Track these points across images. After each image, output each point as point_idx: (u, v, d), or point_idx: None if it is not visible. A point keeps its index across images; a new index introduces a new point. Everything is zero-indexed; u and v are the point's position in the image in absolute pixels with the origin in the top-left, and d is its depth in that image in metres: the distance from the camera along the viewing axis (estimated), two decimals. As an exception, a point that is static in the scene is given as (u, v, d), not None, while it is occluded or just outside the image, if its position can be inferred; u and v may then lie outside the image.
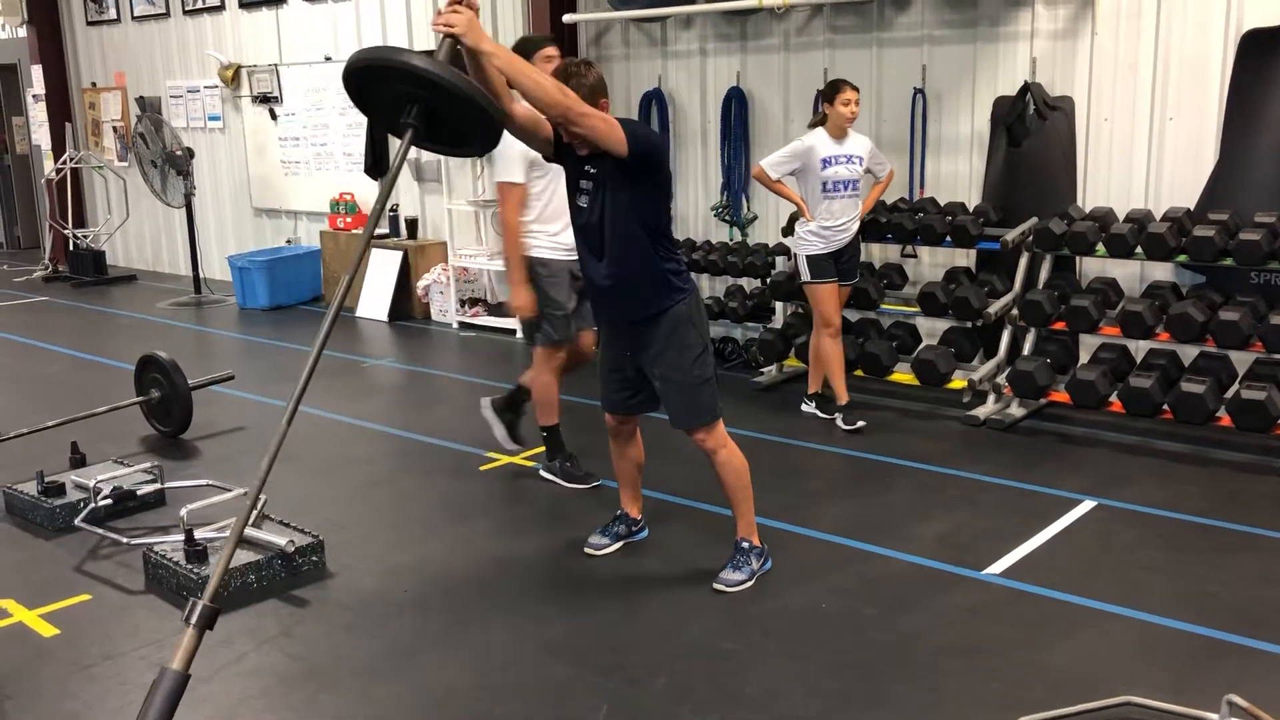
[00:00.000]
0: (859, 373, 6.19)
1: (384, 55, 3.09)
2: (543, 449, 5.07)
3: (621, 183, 3.66)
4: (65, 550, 4.46)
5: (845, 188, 5.59)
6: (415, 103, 3.08)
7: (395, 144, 3.23)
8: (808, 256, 5.67)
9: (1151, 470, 5.03)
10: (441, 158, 8.62)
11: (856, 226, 5.72)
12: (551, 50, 4.80)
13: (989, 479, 4.97)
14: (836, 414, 5.75)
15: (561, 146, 3.73)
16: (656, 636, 3.63)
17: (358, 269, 3.36)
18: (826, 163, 5.53)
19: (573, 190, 3.82)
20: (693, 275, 4.63)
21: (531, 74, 3.40)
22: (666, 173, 3.84)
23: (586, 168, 3.72)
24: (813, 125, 5.67)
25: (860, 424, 5.64)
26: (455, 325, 8.62)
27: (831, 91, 5.53)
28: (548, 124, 3.64)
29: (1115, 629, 3.59)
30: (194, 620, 2.65)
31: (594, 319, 4.29)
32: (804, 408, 5.98)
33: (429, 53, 3.15)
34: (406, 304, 8.95)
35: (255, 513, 3.08)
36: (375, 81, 3.12)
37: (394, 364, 7.64)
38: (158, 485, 4.85)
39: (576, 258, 4.09)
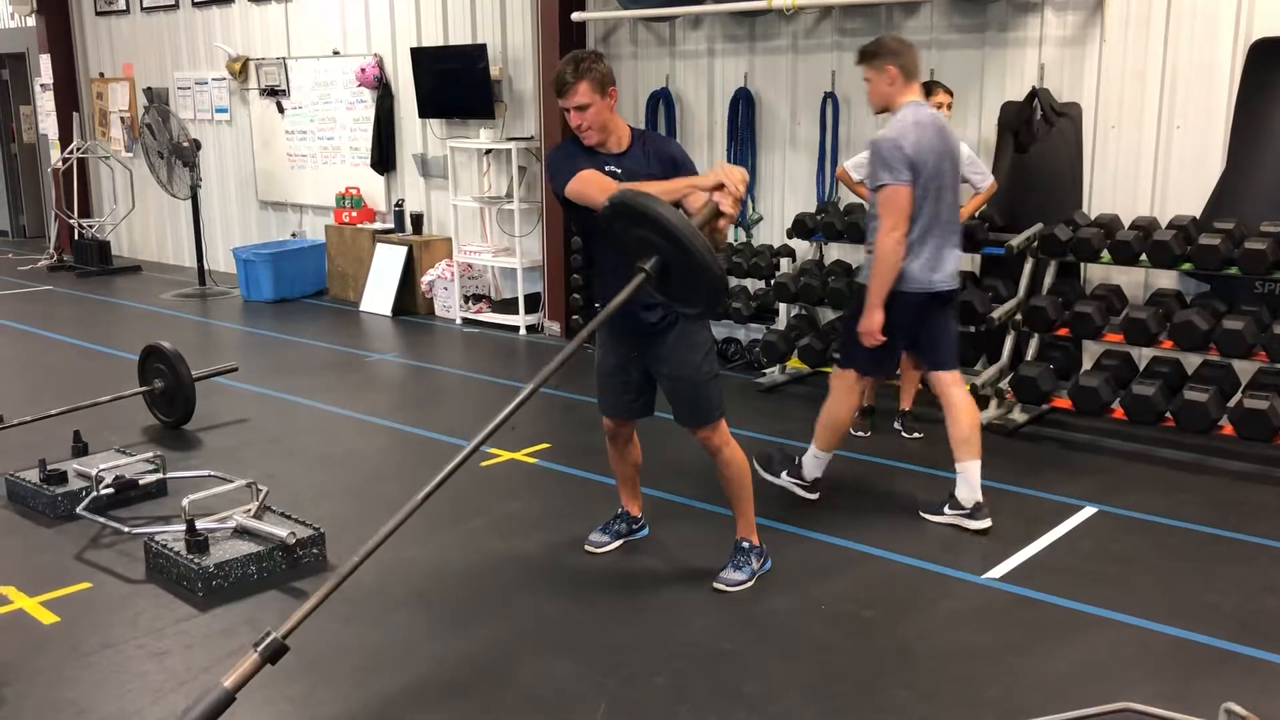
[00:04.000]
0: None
1: (653, 207, 3.15)
2: (544, 445, 5.07)
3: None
4: (66, 538, 4.46)
5: None
6: (657, 253, 3.19)
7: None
8: None
9: (1153, 478, 5.03)
10: (446, 155, 8.62)
11: None
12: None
13: (990, 484, 4.96)
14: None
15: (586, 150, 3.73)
16: (656, 635, 3.63)
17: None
18: None
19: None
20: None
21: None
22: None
23: (609, 168, 3.69)
24: None
25: (864, 434, 5.68)
26: (459, 321, 8.63)
27: (923, 93, 5.28)
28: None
29: (1115, 636, 3.59)
30: (261, 649, 2.71)
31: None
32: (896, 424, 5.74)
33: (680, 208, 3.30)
34: (410, 299, 8.95)
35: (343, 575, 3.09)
36: (631, 220, 3.22)
37: (397, 359, 7.64)
38: (160, 475, 4.85)
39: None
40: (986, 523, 4.41)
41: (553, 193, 3.76)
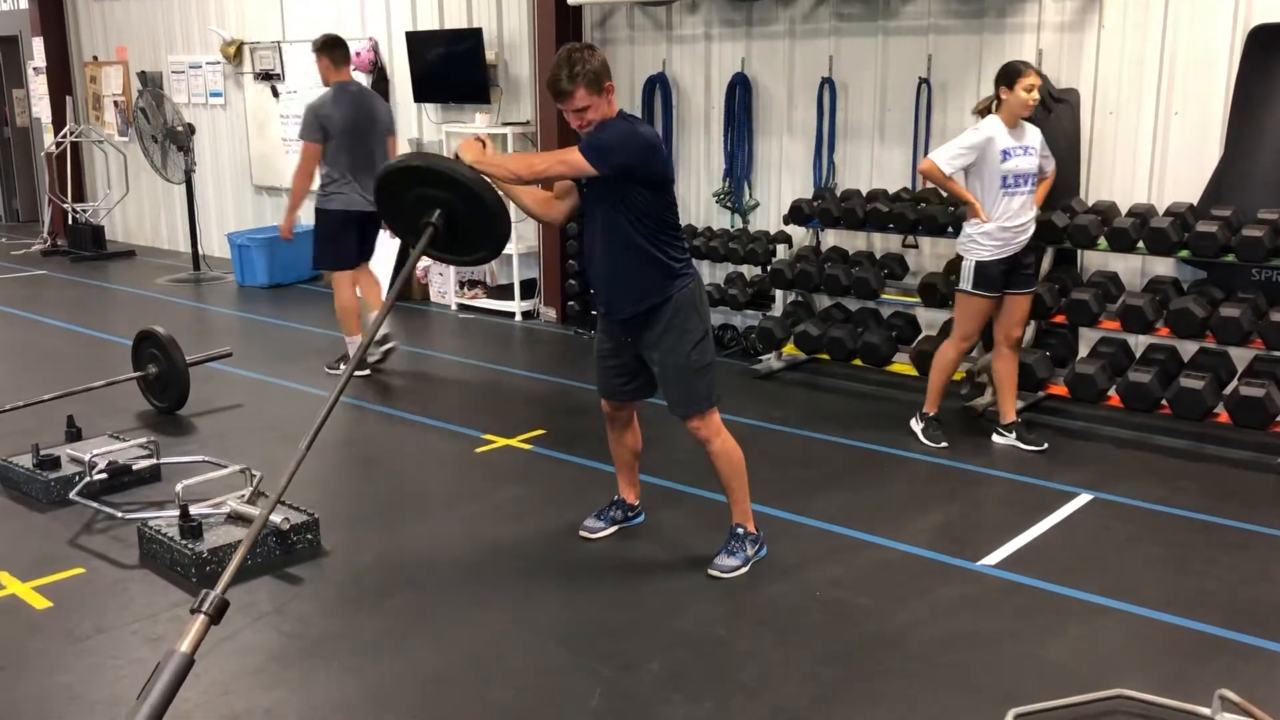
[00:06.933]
0: (857, 362, 6.19)
1: (423, 158, 3.50)
2: (540, 431, 5.06)
3: (610, 184, 3.69)
4: (60, 523, 4.45)
5: (1025, 182, 5.01)
6: (439, 206, 3.49)
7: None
8: (978, 262, 5.07)
9: (1149, 465, 5.03)
10: (441, 139, 8.59)
11: (1034, 227, 5.17)
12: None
13: (986, 471, 4.98)
14: (1005, 433, 5.31)
15: None
16: (651, 621, 3.63)
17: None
18: (1006, 154, 4.96)
19: (577, 182, 3.85)
20: (694, 262, 4.59)
21: (502, 164, 3.69)
22: (658, 167, 3.75)
23: None
24: (982, 112, 5.10)
25: (1041, 444, 5.22)
26: (454, 307, 8.61)
27: (1012, 75, 4.93)
28: (557, 201, 3.96)
29: (1109, 622, 3.59)
30: (205, 609, 2.69)
31: (596, 305, 4.28)
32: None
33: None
34: (406, 285, 8.91)
35: (273, 503, 3.15)
36: (404, 184, 3.51)
37: (392, 344, 7.61)
38: (153, 460, 4.84)
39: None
40: (368, 371, 6.57)
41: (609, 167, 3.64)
